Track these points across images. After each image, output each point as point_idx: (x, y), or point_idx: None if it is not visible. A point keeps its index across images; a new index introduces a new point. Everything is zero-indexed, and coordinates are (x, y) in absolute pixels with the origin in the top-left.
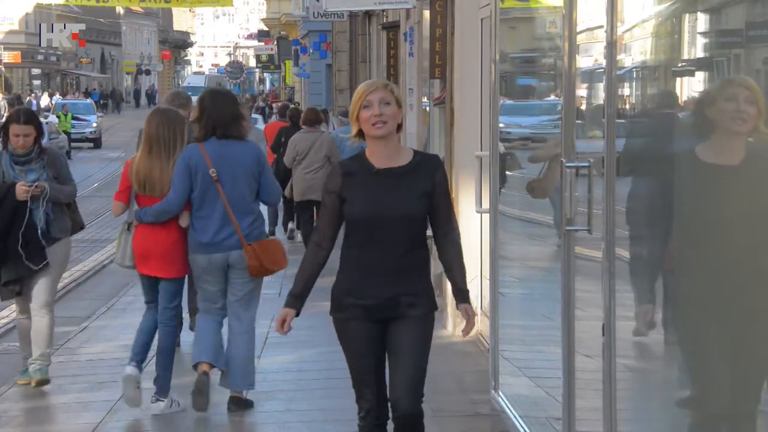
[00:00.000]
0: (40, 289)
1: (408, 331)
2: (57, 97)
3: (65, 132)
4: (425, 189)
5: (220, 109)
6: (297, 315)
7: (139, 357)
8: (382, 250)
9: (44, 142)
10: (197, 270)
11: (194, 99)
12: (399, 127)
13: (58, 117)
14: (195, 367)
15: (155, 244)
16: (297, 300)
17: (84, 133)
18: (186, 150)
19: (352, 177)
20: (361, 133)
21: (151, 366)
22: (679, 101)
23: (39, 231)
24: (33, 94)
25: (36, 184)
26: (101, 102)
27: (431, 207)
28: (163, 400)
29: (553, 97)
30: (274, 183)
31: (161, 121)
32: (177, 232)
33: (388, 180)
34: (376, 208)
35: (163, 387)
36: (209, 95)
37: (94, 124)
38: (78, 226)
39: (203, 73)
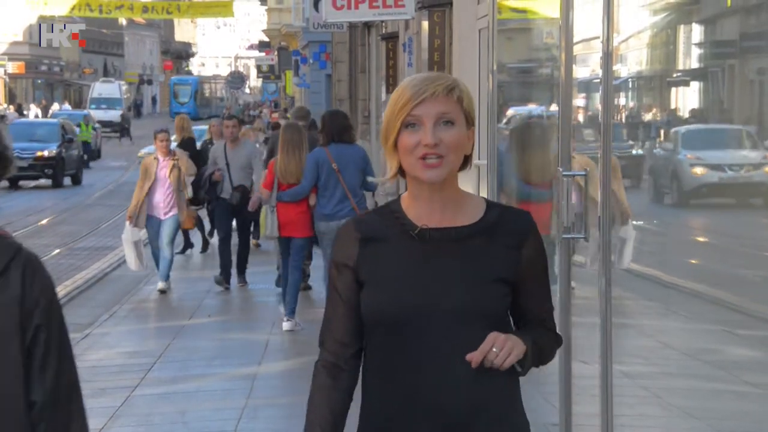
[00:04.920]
0: None
1: None
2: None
3: (85, 142)
4: (507, 269)
5: (336, 124)
6: None
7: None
8: (433, 373)
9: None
10: (319, 234)
11: (112, 113)
12: (466, 160)
13: (79, 126)
14: None
15: (297, 215)
16: None
17: None
18: (314, 151)
19: (378, 244)
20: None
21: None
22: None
23: None
24: (36, 103)
25: None
26: None
27: (516, 298)
28: (291, 320)
29: (534, 105)
30: (373, 174)
31: (294, 131)
32: (307, 209)
33: (442, 250)
34: (420, 299)
35: (291, 310)
36: (329, 115)
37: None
38: None
39: (112, 81)
